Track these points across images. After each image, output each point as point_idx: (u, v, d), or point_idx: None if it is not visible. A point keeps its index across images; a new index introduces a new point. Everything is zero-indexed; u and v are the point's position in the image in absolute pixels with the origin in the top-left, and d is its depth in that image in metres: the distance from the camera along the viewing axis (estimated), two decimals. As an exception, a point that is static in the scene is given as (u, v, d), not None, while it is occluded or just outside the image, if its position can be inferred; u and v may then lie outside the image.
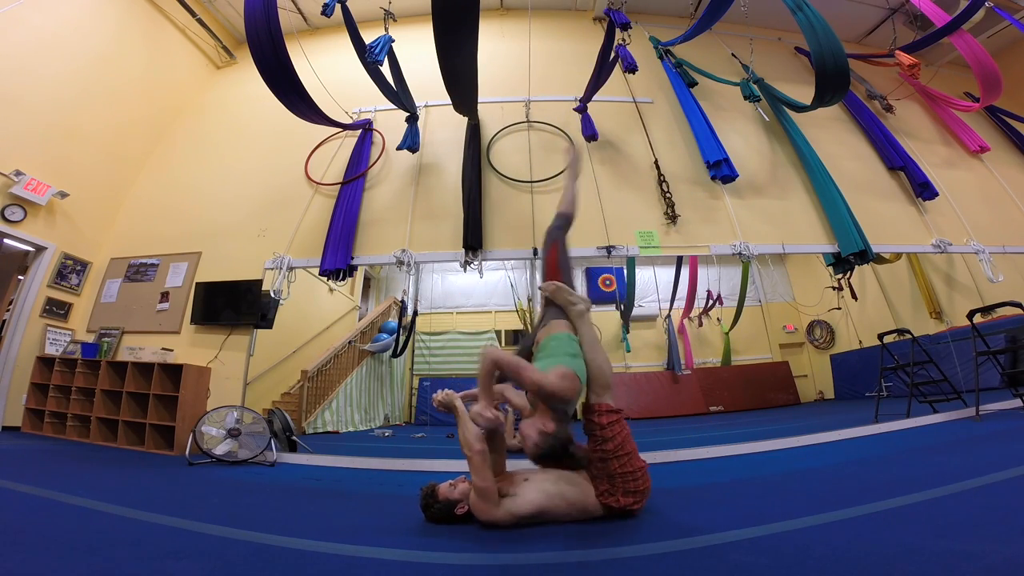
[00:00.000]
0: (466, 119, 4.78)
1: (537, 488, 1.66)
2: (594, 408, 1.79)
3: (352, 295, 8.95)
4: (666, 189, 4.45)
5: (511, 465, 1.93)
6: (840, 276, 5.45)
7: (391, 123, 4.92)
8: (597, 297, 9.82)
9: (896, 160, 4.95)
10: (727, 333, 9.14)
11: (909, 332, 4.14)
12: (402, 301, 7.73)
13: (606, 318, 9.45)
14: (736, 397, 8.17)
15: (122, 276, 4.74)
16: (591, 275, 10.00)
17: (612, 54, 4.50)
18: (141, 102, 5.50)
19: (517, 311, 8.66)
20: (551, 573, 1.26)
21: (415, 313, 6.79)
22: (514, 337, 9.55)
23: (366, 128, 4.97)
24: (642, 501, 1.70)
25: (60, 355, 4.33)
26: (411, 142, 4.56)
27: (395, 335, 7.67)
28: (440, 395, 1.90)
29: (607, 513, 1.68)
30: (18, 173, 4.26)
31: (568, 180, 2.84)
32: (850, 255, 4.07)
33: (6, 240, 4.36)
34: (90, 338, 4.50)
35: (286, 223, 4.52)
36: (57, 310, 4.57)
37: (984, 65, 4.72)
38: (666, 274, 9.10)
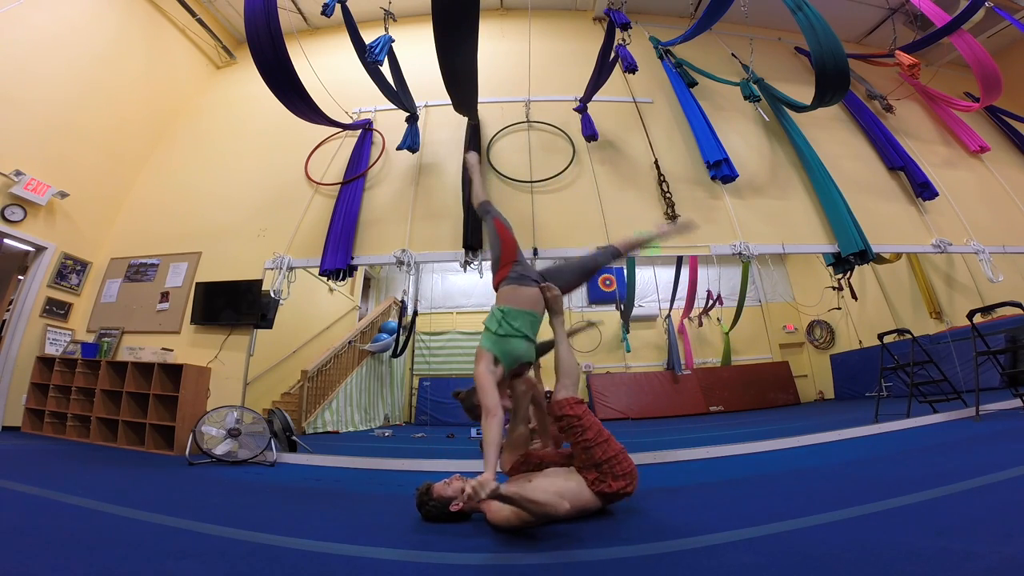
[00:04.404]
0: (466, 119, 4.78)
1: (540, 489, 1.66)
2: (564, 403, 1.82)
3: (352, 295, 8.95)
4: (666, 189, 4.45)
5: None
6: (840, 276, 5.44)
7: (391, 123, 4.92)
8: (597, 297, 9.83)
9: (896, 160, 4.95)
10: (727, 333, 9.13)
11: (909, 332, 4.14)
12: (402, 301, 7.70)
13: (606, 318, 9.45)
14: (736, 397, 8.17)
15: (122, 276, 4.73)
16: (591, 275, 9.98)
17: (612, 54, 4.50)
18: (141, 102, 5.49)
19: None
20: (551, 573, 1.25)
21: (415, 313, 6.78)
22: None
23: (366, 128, 4.96)
24: (633, 483, 1.73)
25: (60, 355, 4.33)
26: (411, 142, 4.55)
27: (395, 335, 7.66)
28: (471, 486, 1.40)
29: (604, 501, 1.71)
30: (18, 173, 4.26)
31: None
32: (850, 255, 4.07)
33: (6, 240, 4.36)
34: (90, 338, 4.50)
35: (286, 223, 4.52)
36: (57, 310, 4.57)
37: (984, 65, 4.72)
38: (666, 274, 9.10)
